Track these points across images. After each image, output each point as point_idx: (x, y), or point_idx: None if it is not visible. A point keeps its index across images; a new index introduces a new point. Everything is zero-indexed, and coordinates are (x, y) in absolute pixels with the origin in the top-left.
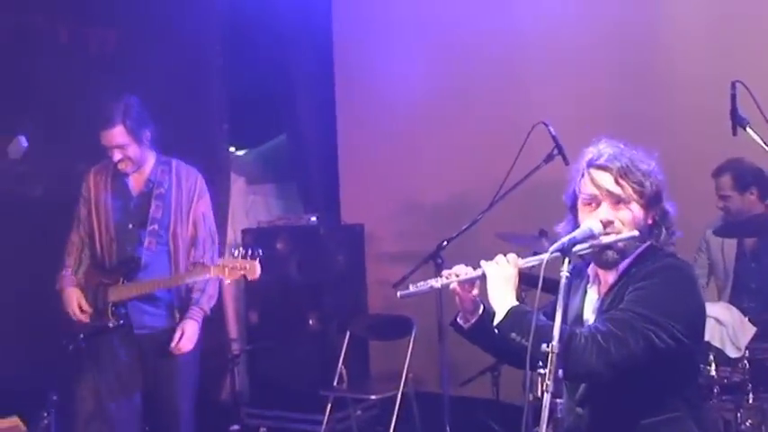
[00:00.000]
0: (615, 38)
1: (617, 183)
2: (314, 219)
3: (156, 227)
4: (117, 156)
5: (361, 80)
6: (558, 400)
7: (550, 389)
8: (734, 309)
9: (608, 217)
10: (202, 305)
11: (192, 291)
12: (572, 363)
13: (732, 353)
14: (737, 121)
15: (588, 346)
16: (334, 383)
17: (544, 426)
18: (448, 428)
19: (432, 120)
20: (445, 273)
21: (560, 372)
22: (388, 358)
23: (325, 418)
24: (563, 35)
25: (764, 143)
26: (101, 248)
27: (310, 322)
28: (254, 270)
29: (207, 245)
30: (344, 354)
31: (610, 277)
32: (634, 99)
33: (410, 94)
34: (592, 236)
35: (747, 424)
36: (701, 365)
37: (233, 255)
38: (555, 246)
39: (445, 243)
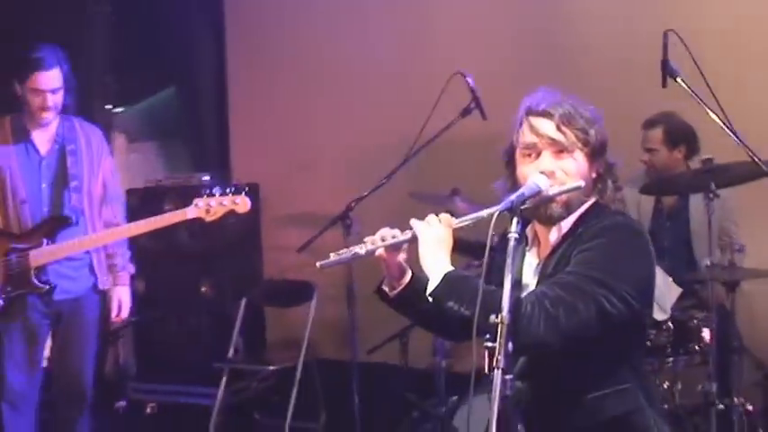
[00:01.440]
0: None
1: (559, 130)
2: (206, 178)
3: (77, 183)
4: (49, 101)
5: (254, 28)
6: (508, 377)
7: (501, 364)
8: (659, 269)
9: (550, 167)
10: (129, 269)
11: (114, 255)
12: (518, 333)
13: (659, 315)
14: (669, 72)
15: (535, 314)
16: (230, 355)
17: (495, 406)
18: (356, 397)
19: (331, 72)
20: (369, 238)
21: (510, 345)
22: (286, 326)
23: (220, 391)
24: None
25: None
26: (8, 211)
27: (203, 290)
28: (245, 203)
29: (116, 204)
30: (240, 323)
31: (552, 237)
32: (552, 52)
33: (307, 44)
34: (539, 191)
35: (664, 386)
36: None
37: (207, 194)
38: (503, 204)
39: (354, 203)
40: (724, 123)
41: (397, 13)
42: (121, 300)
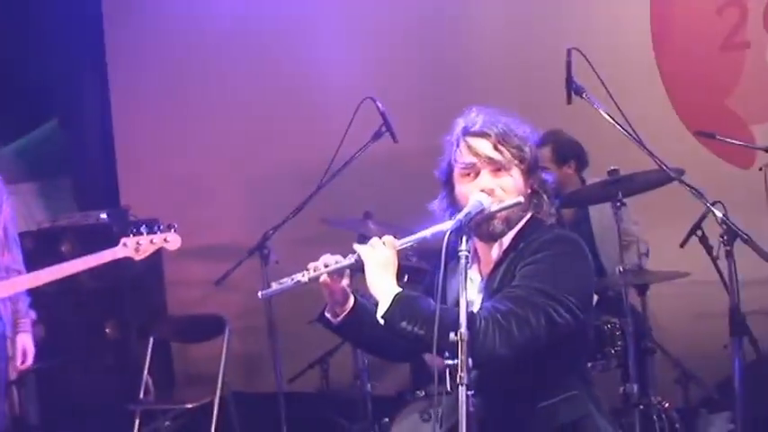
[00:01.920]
0: (430, 12)
1: (496, 148)
2: (104, 216)
3: None
4: None
5: (138, 54)
6: (470, 392)
7: (464, 381)
8: None
9: (490, 185)
10: (31, 314)
11: (17, 301)
12: (475, 348)
13: None
14: (574, 89)
15: (490, 329)
16: (141, 395)
17: (463, 424)
18: (285, 427)
19: (224, 101)
20: (312, 265)
21: (470, 360)
22: (193, 362)
23: None
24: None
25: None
26: None
27: (107, 331)
28: (177, 240)
29: (16, 250)
30: (149, 361)
31: (493, 253)
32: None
33: (199, 70)
34: (483, 209)
35: None
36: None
37: (134, 233)
38: (452, 224)
39: (271, 232)
40: (631, 135)
41: (299, 42)
42: (26, 347)
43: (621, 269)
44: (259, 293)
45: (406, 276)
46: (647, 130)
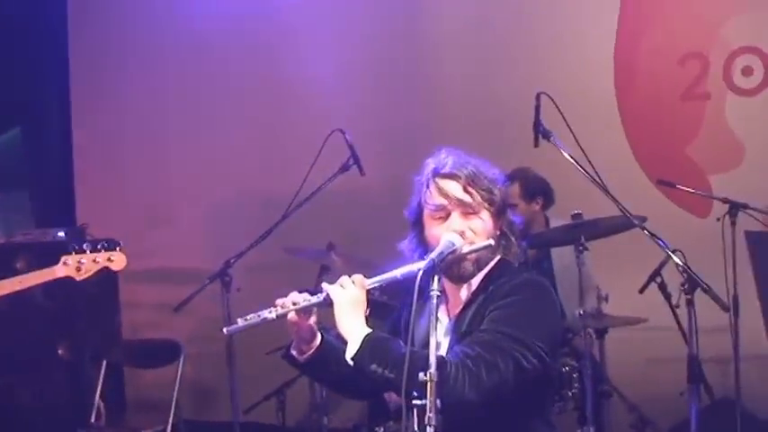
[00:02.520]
0: (400, 51)
1: (465, 191)
2: (61, 234)
3: None
4: None
5: (102, 68)
6: None
7: (432, 422)
8: None
9: (460, 227)
10: None
11: None
12: (444, 393)
13: None
14: (541, 133)
15: (460, 375)
16: (92, 419)
17: None
18: None
19: (189, 122)
20: (279, 302)
21: (438, 402)
22: (146, 387)
23: None
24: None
25: (568, 155)
26: None
27: (60, 352)
28: (122, 260)
29: None
30: (101, 385)
31: (462, 294)
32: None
33: (160, 91)
34: (455, 249)
35: None
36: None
37: (76, 250)
38: (424, 263)
39: (233, 260)
40: (596, 180)
41: (268, 67)
42: None
43: (581, 312)
44: (224, 330)
45: (368, 310)
46: (609, 175)
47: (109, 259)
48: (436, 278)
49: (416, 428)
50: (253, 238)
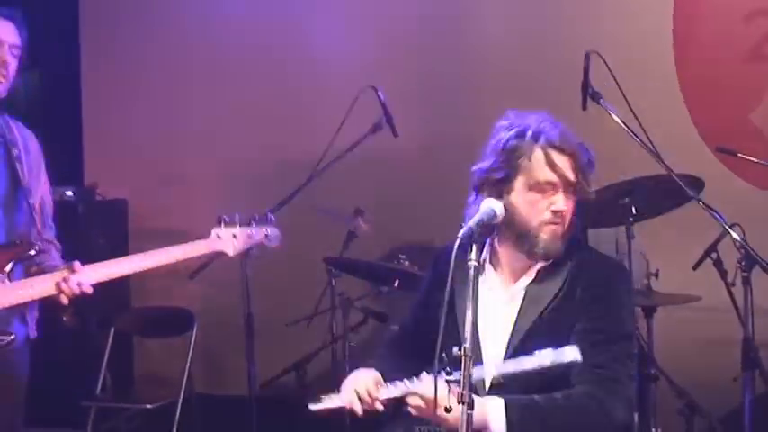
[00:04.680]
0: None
1: (574, 171)
2: (69, 193)
3: (33, 201)
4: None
5: (114, 19)
6: (471, 412)
7: (466, 399)
8: None
9: (562, 207)
10: None
11: None
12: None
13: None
14: (590, 95)
15: (615, 404)
16: (98, 391)
17: None
18: None
19: (206, 76)
20: (363, 391)
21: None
22: (156, 358)
23: None
24: None
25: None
26: None
27: (64, 319)
28: (277, 236)
29: (49, 220)
30: (108, 355)
31: (523, 263)
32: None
33: (178, 43)
34: (495, 217)
35: None
36: None
37: (226, 223)
38: (462, 231)
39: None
40: (648, 147)
41: (293, 24)
42: None
43: None
44: (310, 406)
45: (397, 281)
46: (664, 143)
47: (265, 235)
48: (474, 247)
49: (447, 405)
50: (272, 201)
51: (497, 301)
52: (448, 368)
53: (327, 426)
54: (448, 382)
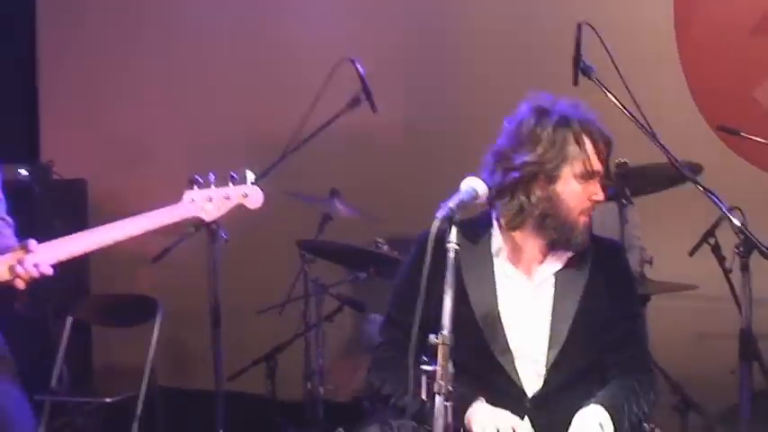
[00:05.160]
0: None
1: (604, 162)
2: (24, 172)
3: None
4: None
5: None
6: (449, 404)
7: (443, 389)
8: None
9: (600, 198)
10: None
11: None
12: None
13: None
14: (582, 69)
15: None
16: (53, 384)
17: None
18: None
19: (174, 47)
20: None
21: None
22: (116, 349)
23: (41, 429)
24: None
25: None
26: None
27: (16, 306)
28: (258, 196)
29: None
30: (65, 346)
31: (538, 248)
32: (444, 41)
33: (143, 10)
34: (476, 197)
35: None
36: None
37: (199, 184)
38: (440, 212)
39: None
40: (644, 126)
41: None
42: None
43: None
44: None
45: (372, 268)
46: (663, 120)
47: (243, 195)
48: (453, 229)
49: (424, 396)
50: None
51: (521, 289)
52: (424, 357)
53: (299, 420)
54: (425, 372)
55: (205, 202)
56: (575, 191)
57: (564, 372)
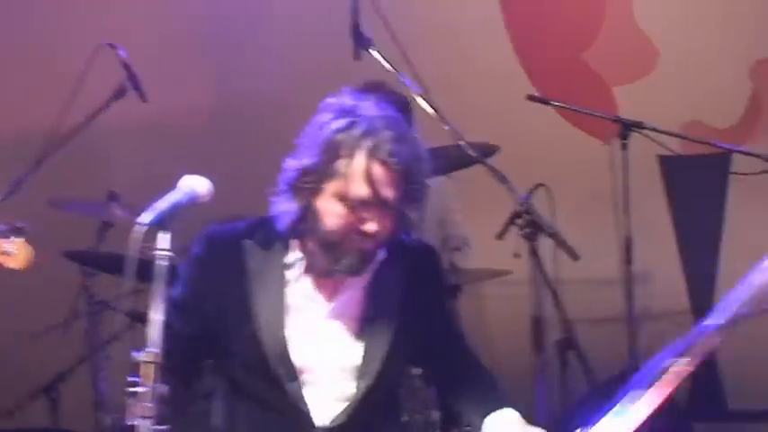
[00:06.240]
0: None
1: (397, 187)
2: None
3: None
4: None
5: None
6: (161, 428)
7: (151, 413)
8: None
9: (373, 229)
10: None
11: None
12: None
13: None
14: (360, 42)
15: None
16: None
17: None
18: None
19: None
20: None
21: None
22: None
23: None
24: None
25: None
26: None
27: None
28: (24, 254)
29: None
30: None
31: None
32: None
33: None
34: (196, 198)
35: None
36: None
37: None
38: (153, 216)
39: None
40: (429, 103)
41: None
42: None
43: None
44: None
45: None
46: (486, 88)
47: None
48: (161, 235)
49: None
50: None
51: (318, 308)
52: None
53: None
54: (133, 393)
55: None
56: (334, 212)
57: (369, 403)
